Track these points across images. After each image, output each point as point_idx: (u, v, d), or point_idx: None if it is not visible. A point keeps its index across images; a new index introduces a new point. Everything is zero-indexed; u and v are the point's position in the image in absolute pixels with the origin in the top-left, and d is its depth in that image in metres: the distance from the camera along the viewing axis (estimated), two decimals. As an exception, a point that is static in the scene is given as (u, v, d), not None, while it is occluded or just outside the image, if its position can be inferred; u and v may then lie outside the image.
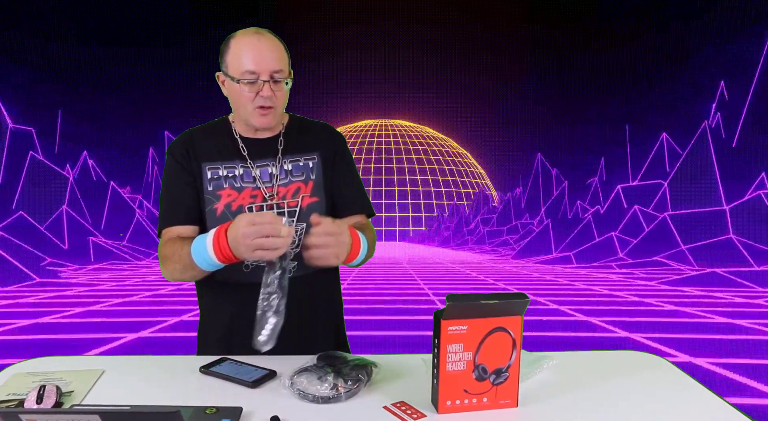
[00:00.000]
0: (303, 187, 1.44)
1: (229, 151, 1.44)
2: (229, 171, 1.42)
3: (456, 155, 54.52)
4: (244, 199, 1.40)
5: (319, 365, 1.17)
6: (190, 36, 36.52)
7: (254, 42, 1.34)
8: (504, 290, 8.95)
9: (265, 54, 1.33)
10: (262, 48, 1.33)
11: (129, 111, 26.74)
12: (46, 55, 21.73)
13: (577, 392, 1.15)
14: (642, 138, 20.20)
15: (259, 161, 1.44)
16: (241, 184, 1.42)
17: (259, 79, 1.33)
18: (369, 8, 64.65)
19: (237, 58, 1.34)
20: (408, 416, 1.04)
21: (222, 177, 1.42)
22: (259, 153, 1.44)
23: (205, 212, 1.40)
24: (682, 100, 20.25)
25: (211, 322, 1.50)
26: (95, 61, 25.60)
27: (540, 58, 47.55)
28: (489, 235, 27.40)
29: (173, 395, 1.13)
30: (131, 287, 9.80)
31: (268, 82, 1.34)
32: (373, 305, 7.48)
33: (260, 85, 1.34)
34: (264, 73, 1.33)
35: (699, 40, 20.99)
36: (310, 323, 1.46)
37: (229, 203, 1.40)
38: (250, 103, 1.36)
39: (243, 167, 1.43)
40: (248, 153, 1.44)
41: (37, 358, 1.35)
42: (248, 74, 1.33)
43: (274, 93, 1.35)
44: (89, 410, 0.74)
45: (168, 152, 1.46)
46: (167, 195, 1.44)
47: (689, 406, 1.10)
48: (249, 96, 1.35)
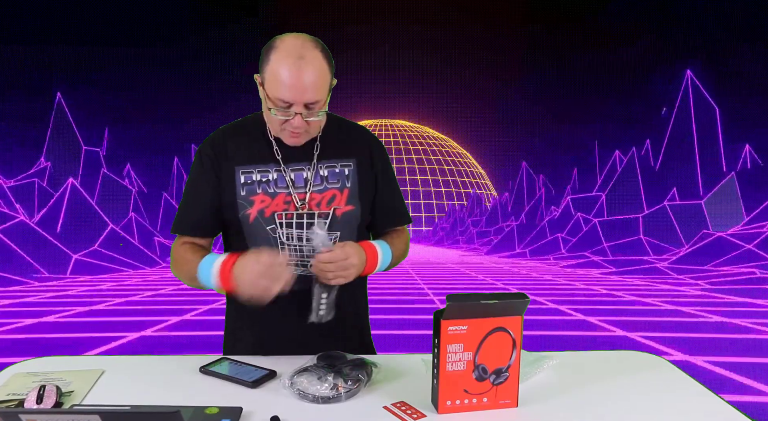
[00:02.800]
0: (338, 195, 1.39)
1: (263, 154, 1.39)
2: (263, 175, 1.38)
3: (456, 155, 54.50)
4: (277, 206, 1.36)
5: (319, 365, 1.17)
6: (190, 36, 36.49)
7: (293, 70, 1.22)
8: (503, 290, 8.95)
9: (302, 85, 1.23)
10: (301, 77, 1.22)
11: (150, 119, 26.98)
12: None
13: (577, 392, 1.15)
14: (609, 150, 22.68)
15: (294, 165, 1.39)
16: (275, 189, 1.37)
17: (292, 108, 1.26)
18: (369, 8, 64.61)
19: (273, 80, 1.24)
20: (408, 416, 1.04)
21: (255, 181, 1.37)
22: (294, 156, 1.39)
23: (238, 217, 1.37)
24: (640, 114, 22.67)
25: (238, 326, 1.49)
26: (95, 62, 25.63)
27: (540, 58, 47.55)
28: (478, 235, 30.26)
29: (173, 395, 1.13)
30: (132, 287, 9.81)
31: (300, 114, 1.26)
32: (372, 305, 7.47)
33: (292, 115, 1.27)
34: (298, 105, 1.25)
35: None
36: (336, 326, 1.41)
37: (262, 210, 1.36)
38: (279, 126, 1.31)
39: (277, 171, 1.38)
40: (282, 157, 1.38)
41: (37, 358, 1.35)
42: (281, 102, 1.25)
43: (305, 123, 1.28)
44: (89, 410, 0.74)
45: (197, 151, 1.43)
46: (186, 198, 1.43)
47: (689, 406, 1.10)
48: (280, 121, 1.29)
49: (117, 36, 28.56)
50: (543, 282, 11.13)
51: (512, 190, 30.70)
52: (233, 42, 39.78)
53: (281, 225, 1.35)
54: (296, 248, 1.36)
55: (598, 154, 24.23)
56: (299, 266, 1.37)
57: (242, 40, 39.72)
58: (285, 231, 1.35)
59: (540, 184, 27.96)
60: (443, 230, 37.41)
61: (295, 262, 1.36)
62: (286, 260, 1.19)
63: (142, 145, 24.41)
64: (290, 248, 1.36)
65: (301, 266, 1.37)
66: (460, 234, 32.67)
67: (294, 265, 1.36)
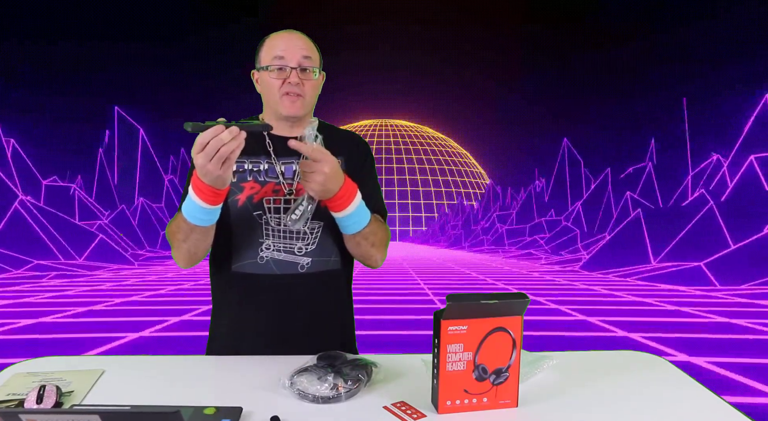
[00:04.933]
0: None
1: (255, 147, 1.45)
2: (254, 165, 1.45)
3: (456, 155, 54.50)
4: (266, 193, 1.43)
5: (319, 365, 1.17)
6: (190, 35, 36.50)
7: (284, 34, 1.41)
8: (504, 290, 8.95)
9: (294, 41, 1.39)
10: (292, 37, 1.40)
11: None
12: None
13: (577, 392, 1.15)
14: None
15: (285, 158, 1.46)
16: (265, 178, 1.44)
17: (287, 67, 1.37)
18: (369, 8, 64.58)
19: (268, 49, 1.41)
20: (408, 416, 1.04)
21: (246, 170, 1.44)
22: (286, 150, 1.43)
23: (227, 201, 1.41)
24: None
25: (220, 313, 1.52)
26: (95, 62, 25.62)
27: (540, 58, 47.54)
28: (483, 232, 32.14)
29: (173, 395, 1.13)
30: (133, 287, 9.81)
31: (296, 70, 1.37)
32: (373, 305, 7.48)
33: (288, 72, 1.38)
34: (292, 60, 1.38)
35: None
36: (315, 323, 1.47)
37: (251, 195, 1.42)
38: (278, 90, 1.39)
39: (268, 163, 1.45)
40: (274, 149, 1.46)
41: (37, 358, 1.35)
42: (277, 60, 1.38)
43: (301, 81, 1.38)
44: (89, 410, 0.74)
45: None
46: (185, 188, 1.47)
47: (689, 406, 1.10)
48: (277, 83, 1.39)
49: (117, 35, 28.58)
50: (543, 282, 11.13)
51: (518, 192, 32.07)
52: (233, 42, 39.75)
53: (269, 210, 1.42)
54: (280, 233, 1.42)
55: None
56: (282, 252, 1.42)
57: (242, 40, 39.72)
58: (273, 216, 1.42)
59: (543, 187, 29.23)
60: (455, 228, 38.30)
61: (279, 247, 1.42)
62: (225, 131, 1.12)
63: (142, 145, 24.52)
64: (276, 233, 1.42)
65: (285, 251, 1.42)
66: (482, 233, 33.48)
67: (278, 251, 1.42)
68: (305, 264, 1.43)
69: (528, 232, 25.29)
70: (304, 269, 1.43)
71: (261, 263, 1.42)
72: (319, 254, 1.44)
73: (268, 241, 1.42)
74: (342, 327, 1.57)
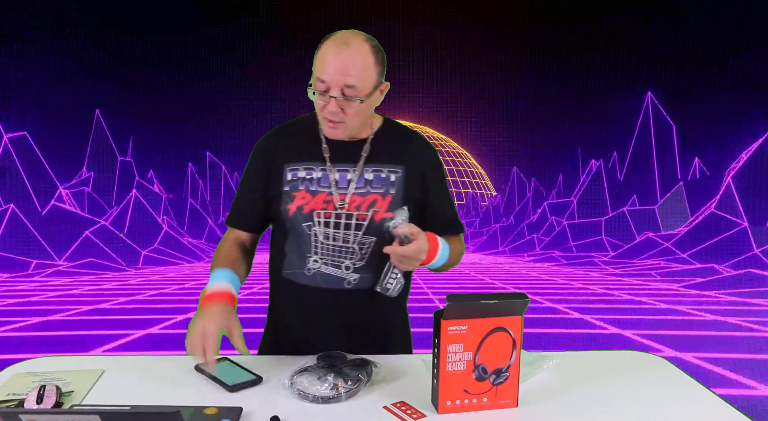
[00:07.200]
0: (379, 200, 1.37)
1: (311, 152, 1.39)
2: (308, 172, 1.38)
3: (456, 155, 54.47)
4: (316, 204, 1.36)
5: (319, 365, 1.17)
6: (190, 35, 36.51)
7: (335, 51, 1.24)
8: (502, 290, 8.96)
9: (341, 64, 1.23)
10: (341, 59, 1.23)
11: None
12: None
13: (577, 392, 1.15)
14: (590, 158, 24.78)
15: (340, 165, 1.38)
16: (317, 187, 1.37)
17: (329, 93, 1.25)
18: (369, 8, 64.66)
19: (318, 63, 1.26)
20: (408, 416, 1.04)
21: (299, 178, 1.38)
22: (342, 156, 1.38)
23: (280, 210, 1.39)
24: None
25: (272, 311, 1.53)
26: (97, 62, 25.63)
27: (540, 57, 47.56)
28: (471, 236, 32.56)
29: (173, 395, 1.13)
30: (135, 286, 9.81)
31: (336, 99, 1.25)
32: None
33: (328, 99, 1.26)
34: (334, 88, 1.24)
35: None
36: (357, 337, 1.43)
37: (301, 206, 1.37)
38: (320, 112, 1.31)
39: (322, 170, 1.38)
40: (330, 156, 1.38)
41: (37, 357, 1.35)
42: (318, 82, 1.25)
43: (341, 110, 1.27)
44: (89, 410, 0.74)
45: (254, 147, 1.47)
46: (239, 193, 1.49)
47: (689, 406, 1.10)
48: (320, 104, 1.29)
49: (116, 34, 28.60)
50: (542, 282, 11.15)
51: (503, 192, 33.00)
52: (233, 42, 39.75)
53: (318, 224, 1.36)
54: (329, 248, 1.37)
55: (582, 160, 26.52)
56: (330, 266, 1.37)
57: (242, 40, 39.72)
58: (322, 230, 1.36)
59: (536, 186, 29.80)
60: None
61: (327, 261, 1.37)
62: (215, 341, 1.16)
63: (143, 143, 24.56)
64: (324, 247, 1.37)
65: (333, 266, 1.37)
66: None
67: (325, 264, 1.37)
68: (352, 280, 1.38)
69: (527, 231, 25.32)
70: (351, 285, 1.37)
71: (308, 275, 1.39)
72: (367, 270, 1.38)
73: (316, 255, 1.37)
74: (382, 341, 1.49)
